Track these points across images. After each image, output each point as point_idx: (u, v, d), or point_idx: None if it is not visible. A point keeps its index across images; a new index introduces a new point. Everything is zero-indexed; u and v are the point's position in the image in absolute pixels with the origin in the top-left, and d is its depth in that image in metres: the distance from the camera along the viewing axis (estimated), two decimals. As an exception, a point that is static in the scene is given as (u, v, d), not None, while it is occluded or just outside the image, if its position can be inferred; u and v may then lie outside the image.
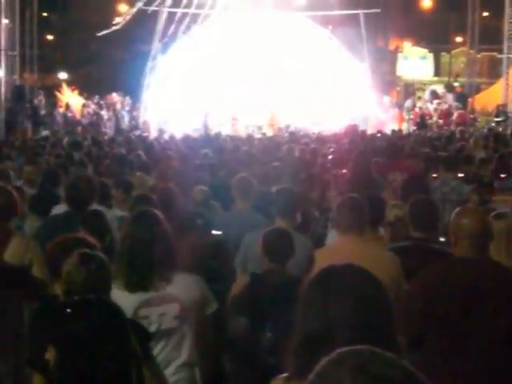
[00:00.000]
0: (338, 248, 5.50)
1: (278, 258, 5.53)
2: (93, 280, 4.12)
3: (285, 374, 2.73)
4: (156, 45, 35.42)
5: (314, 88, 33.88)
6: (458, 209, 4.83)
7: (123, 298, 4.47)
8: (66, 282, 4.19)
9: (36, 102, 34.28)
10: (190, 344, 4.71)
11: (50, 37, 47.88)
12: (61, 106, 34.60)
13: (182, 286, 4.60)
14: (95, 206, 7.07)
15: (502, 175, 10.52)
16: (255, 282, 5.17)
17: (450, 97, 38.37)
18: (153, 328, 4.52)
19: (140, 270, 4.53)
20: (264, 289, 5.01)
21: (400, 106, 38.52)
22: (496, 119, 35.44)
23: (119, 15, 43.88)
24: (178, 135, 24.11)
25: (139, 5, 35.44)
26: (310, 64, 34.26)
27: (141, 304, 4.52)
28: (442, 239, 6.22)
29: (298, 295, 5.18)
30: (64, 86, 36.92)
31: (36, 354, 4.04)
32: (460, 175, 10.77)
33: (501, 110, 36.69)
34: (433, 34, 47.10)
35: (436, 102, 36.66)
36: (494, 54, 44.03)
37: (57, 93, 36.27)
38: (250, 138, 21.64)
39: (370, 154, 10.49)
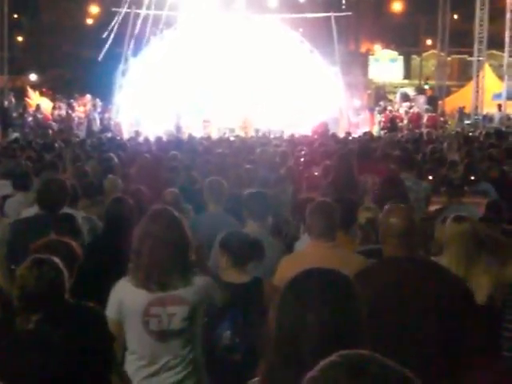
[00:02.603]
0: (308, 253, 5.51)
1: (236, 259, 5.60)
2: (45, 283, 4.11)
3: (257, 378, 2.75)
4: (128, 47, 35.33)
5: (285, 91, 33.94)
6: (386, 207, 4.86)
7: (136, 294, 4.54)
8: (20, 286, 4.16)
9: (6, 103, 34.03)
10: (198, 344, 4.77)
11: (20, 38, 47.56)
12: (31, 109, 34.36)
13: (194, 289, 4.62)
14: (65, 209, 7.03)
15: (472, 178, 10.62)
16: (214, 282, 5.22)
17: (420, 99, 38.62)
18: (162, 327, 4.56)
19: (156, 271, 4.53)
20: (222, 289, 5.05)
21: (371, 109, 38.70)
22: (466, 122, 35.73)
23: (91, 17, 43.80)
24: (151, 137, 24.04)
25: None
26: (281, 67, 34.31)
27: (153, 301, 4.54)
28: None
29: (258, 296, 5.31)
30: (29, 89, 36.66)
31: None
32: (430, 178, 10.87)
33: (463, 113, 37.04)
34: (403, 37, 47.44)
35: (406, 105, 36.86)
36: (465, 56, 44.45)
37: (26, 99, 36.04)
38: (222, 140, 21.61)
39: (351, 157, 10.48)
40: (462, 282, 4.62)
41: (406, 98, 38.65)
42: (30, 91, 36.38)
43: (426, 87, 42.30)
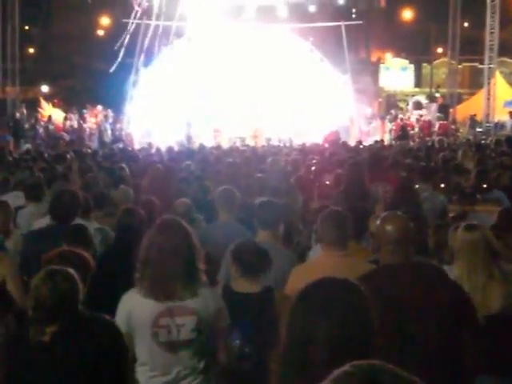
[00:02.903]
0: (320, 262, 5.50)
1: (246, 269, 5.59)
2: (59, 294, 4.13)
3: None
4: (138, 58, 35.44)
5: (295, 100, 33.96)
6: (382, 214, 4.86)
7: (145, 305, 4.55)
8: (34, 296, 4.19)
9: (18, 115, 34.18)
10: (208, 354, 4.76)
11: (31, 50, 47.77)
12: (43, 120, 34.50)
13: (202, 299, 4.63)
14: (77, 220, 7.05)
15: (484, 186, 10.59)
16: (225, 292, 5.22)
17: (433, 107, 38.57)
18: (172, 338, 4.56)
19: (163, 280, 4.54)
20: (233, 299, 5.06)
21: (382, 117, 38.67)
22: (478, 130, 35.65)
23: (101, 28, 43.98)
24: (162, 148, 24.09)
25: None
26: (291, 76, 34.34)
27: (162, 312, 4.55)
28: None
29: (269, 306, 5.31)
30: (42, 100, 36.83)
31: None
32: (442, 186, 10.84)
33: (474, 120, 36.95)
34: (414, 45, 47.37)
35: (417, 113, 36.82)
36: (475, 64, 44.31)
37: (39, 109, 36.21)
38: (233, 149, 21.65)
39: (363, 166, 10.47)
40: (460, 289, 4.61)
41: (418, 106, 38.59)
42: (43, 102, 36.56)
43: (437, 95, 42.21)
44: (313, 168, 13.94)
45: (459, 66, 42.83)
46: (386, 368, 1.70)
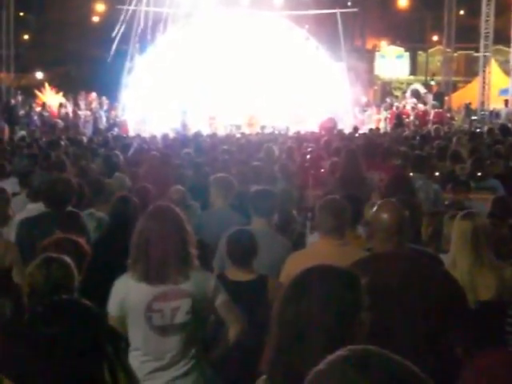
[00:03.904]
0: (317, 251, 5.50)
1: (239, 258, 5.69)
2: (54, 281, 4.15)
3: (264, 376, 2.76)
4: (133, 45, 35.36)
5: (291, 87, 33.93)
6: (377, 202, 4.87)
7: (138, 290, 4.57)
8: (29, 283, 4.22)
9: (13, 101, 34.11)
10: (199, 341, 4.79)
11: (26, 36, 47.61)
12: (39, 105, 34.43)
13: (195, 282, 4.65)
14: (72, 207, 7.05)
15: (478, 174, 10.60)
16: (220, 280, 5.24)
17: (429, 96, 38.58)
18: (165, 322, 4.58)
19: (156, 263, 4.56)
20: (228, 287, 5.08)
21: (378, 105, 38.69)
22: (473, 118, 35.68)
23: (96, 15, 43.85)
24: (157, 135, 24.05)
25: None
26: (286, 64, 34.30)
27: (155, 297, 4.57)
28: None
29: (262, 294, 5.32)
30: (46, 85, 36.76)
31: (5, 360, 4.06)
32: (436, 174, 10.85)
33: (469, 109, 37.00)
34: (409, 33, 47.38)
35: (413, 101, 36.82)
36: (471, 52, 44.35)
37: (37, 92, 36.12)
38: (228, 137, 21.64)
39: (359, 153, 10.45)
40: (451, 279, 4.61)
41: (417, 94, 38.58)
42: (47, 87, 36.47)
43: (432, 83, 42.25)
44: (308, 156, 13.94)
45: (454, 54, 42.86)
46: (379, 352, 1.73)
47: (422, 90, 40.21)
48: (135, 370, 4.54)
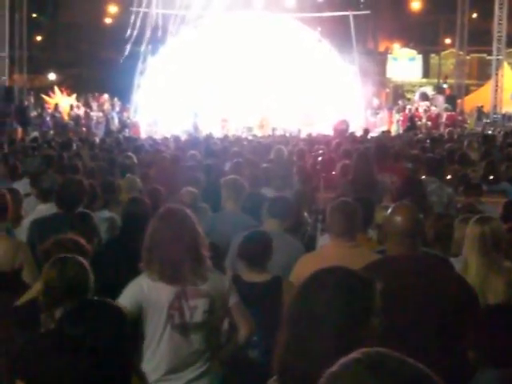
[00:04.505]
0: (328, 253, 5.50)
1: (254, 260, 5.72)
2: (68, 284, 4.21)
3: (275, 377, 2.76)
4: (146, 46, 35.44)
5: (303, 90, 33.93)
6: (392, 205, 4.86)
7: (159, 289, 4.59)
8: (44, 281, 4.35)
9: (26, 103, 34.24)
10: (214, 343, 4.82)
11: (39, 38, 47.78)
12: (49, 108, 34.56)
13: (212, 282, 4.70)
14: (83, 209, 7.07)
15: (491, 177, 10.58)
16: (234, 281, 5.26)
17: (440, 98, 38.51)
18: (184, 320, 4.61)
19: (169, 265, 4.60)
20: (242, 288, 5.10)
21: (389, 108, 38.64)
22: (485, 121, 35.58)
23: (109, 16, 43.97)
24: (168, 136, 24.11)
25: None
26: (299, 66, 34.31)
27: (177, 295, 4.60)
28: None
29: (277, 295, 5.33)
30: (56, 88, 36.89)
31: (21, 362, 4.08)
32: (448, 177, 10.82)
33: (481, 112, 36.89)
34: (422, 36, 47.26)
35: (425, 104, 36.76)
36: (483, 55, 44.24)
37: (44, 96, 36.25)
38: (240, 139, 21.66)
39: (371, 155, 10.43)
40: (464, 283, 4.58)
41: (425, 97, 38.54)
42: (56, 89, 36.59)
43: (445, 86, 42.16)
44: (319, 158, 13.93)
45: (467, 57, 42.77)
46: (392, 355, 1.74)
47: (430, 92, 40.15)
48: (149, 372, 4.56)
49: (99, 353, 3.77)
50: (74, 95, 36.63)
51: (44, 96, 36.30)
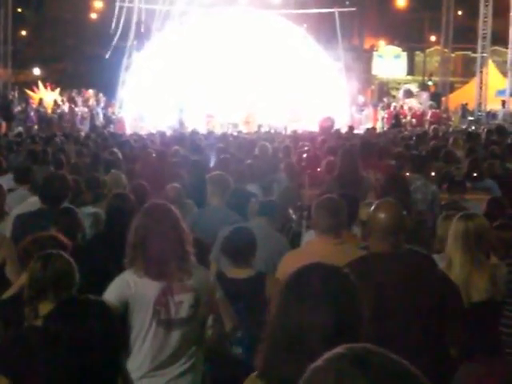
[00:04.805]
0: (314, 249, 5.48)
1: (237, 256, 5.77)
2: (53, 279, 4.22)
3: (256, 373, 2.78)
4: (131, 42, 35.34)
5: (288, 86, 33.90)
6: (376, 202, 4.88)
7: (145, 285, 4.58)
8: (28, 275, 4.38)
9: (10, 97, 34.10)
10: (198, 339, 4.82)
11: (24, 32, 47.57)
12: (33, 103, 34.42)
13: (197, 277, 4.70)
14: (67, 204, 7.06)
15: (474, 175, 10.62)
16: (218, 278, 5.28)
17: (424, 95, 38.61)
18: (170, 316, 4.60)
19: (155, 260, 4.60)
20: (226, 284, 5.11)
21: (375, 105, 38.70)
22: (470, 118, 35.72)
23: (94, 11, 43.82)
24: (154, 132, 24.07)
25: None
26: (284, 62, 34.28)
27: (162, 291, 4.59)
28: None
29: (260, 291, 5.34)
30: (39, 83, 36.73)
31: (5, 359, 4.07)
32: (432, 174, 10.85)
33: (466, 109, 37.03)
34: (407, 33, 47.39)
35: (410, 101, 36.86)
36: (468, 53, 44.39)
37: (28, 91, 36.10)
38: (225, 136, 21.64)
39: (356, 152, 10.45)
40: (447, 280, 4.61)
41: (409, 94, 38.64)
42: (40, 84, 36.42)
43: (430, 83, 42.29)
44: (304, 155, 13.94)
45: (452, 55, 42.91)
46: (377, 350, 1.74)
47: (415, 89, 40.28)
48: (134, 369, 4.55)
49: (85, 350, 3.76)
50: (58, 90, 36.46)
51: (28, 91, 36.14)
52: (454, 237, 5.61)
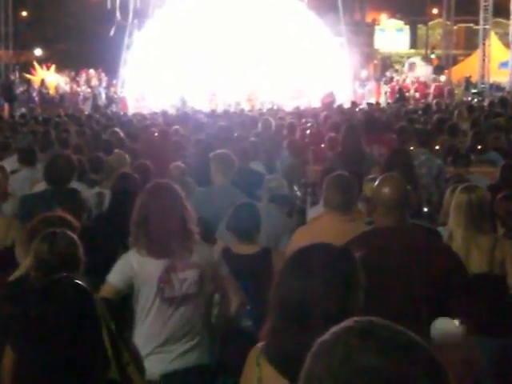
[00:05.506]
0: (325, 226, 5.47)
1: (243, 232, 5.80)
2: (59, 258, 4.22)
3: (261, 343, 2.82)
4: (132, 20, 35.20)
5: (290, 62, 33.77)
6: (379, 176, 4.88)
7: (148, 264, 4.62)
8: (34, 255, 4.34)
9: (12, 78, 34.05)
10: (205, 314, 4.87)
11: (24, 13, 47.40)
12: (35, 84, 34.37)
13: (200, 254, 4.74)
14: (73, 184, 7.06)
15: (478, 147, 10.59)
16: (225, 254, 5.30)
17: (428, 69, 38.47)
18: (175, 293, 4.64)
19: (158, 239, 4.62)
20: (232, 260, 5.14)
21: (377, 79, 38.58)
22: (473, 91, 35.58)
23: (95, -10, 43.59)
24: (156, 111, 24.04)
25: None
26: (286, 38, 34.10)
27: (165, 268, 4.63)
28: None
29: (267, 266, 5.36)
30: (36, 65, 36.60)
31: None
32: (437, 148, 10.82)
33: (469, 82, 36.88)
34: (409, 6, 47.10)
35: (413, 75, 36.75)
36: (471, 25, 44.15)
37: (27, 75, 36.00)
38: (227, 113, 21.60)
39: (359, 128, 10.41)
40: (452, 254, 4.60)
41: (414, 67, 38.51)
42: (37, 66, 36.32)
43: (433, 56, 42.12)
44: (307, 131, 13.93)
45: (454, 27, 42.71)
46: (384, 323, 1.75)
47: (420, 62, 40.14)
48: (140, 346, 4.57)
49: (62, 333, 3.75)
50: (53, 67, 36.27)
51: (27, 75, 36.02)
52: (457, 208, 5.63)
